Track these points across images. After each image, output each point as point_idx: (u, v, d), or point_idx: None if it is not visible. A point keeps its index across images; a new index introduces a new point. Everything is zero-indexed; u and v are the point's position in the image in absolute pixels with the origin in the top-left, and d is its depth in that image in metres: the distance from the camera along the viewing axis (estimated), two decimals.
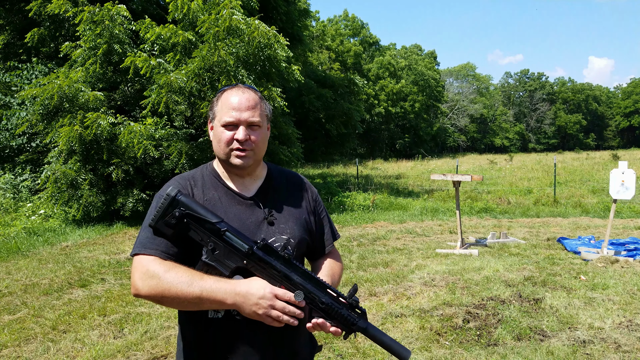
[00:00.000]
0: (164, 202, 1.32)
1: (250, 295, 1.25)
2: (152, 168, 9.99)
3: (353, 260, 6.77)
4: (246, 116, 1.40)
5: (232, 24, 9.60)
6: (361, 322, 1.32)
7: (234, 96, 1.42)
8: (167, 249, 1.33)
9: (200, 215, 1.30)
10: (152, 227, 1.32)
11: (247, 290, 1.25)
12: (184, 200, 1.32)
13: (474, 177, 7.30)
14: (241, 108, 1.40)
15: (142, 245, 1.33)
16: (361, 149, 48.94)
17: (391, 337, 1.34)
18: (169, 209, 1.31)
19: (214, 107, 1.46)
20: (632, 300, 4.76)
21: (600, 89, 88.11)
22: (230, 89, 1.45)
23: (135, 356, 3.65)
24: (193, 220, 1.30)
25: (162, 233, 1.32)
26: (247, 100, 1.41)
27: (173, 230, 1.31)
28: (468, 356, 3.60)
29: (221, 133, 1.41)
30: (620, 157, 28.15)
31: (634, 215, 11.03)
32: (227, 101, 1.42)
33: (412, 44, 65.44)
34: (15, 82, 11.60)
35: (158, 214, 1.31)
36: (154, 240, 1.33)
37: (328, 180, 17.59)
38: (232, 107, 1.40)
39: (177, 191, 1.33)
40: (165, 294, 1.25)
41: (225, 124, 1.40)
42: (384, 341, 1.32)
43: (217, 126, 1.43)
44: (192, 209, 1.31)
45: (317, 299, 1.30)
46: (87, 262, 6.62)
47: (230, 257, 1.31)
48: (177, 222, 1.30)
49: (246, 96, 1.42)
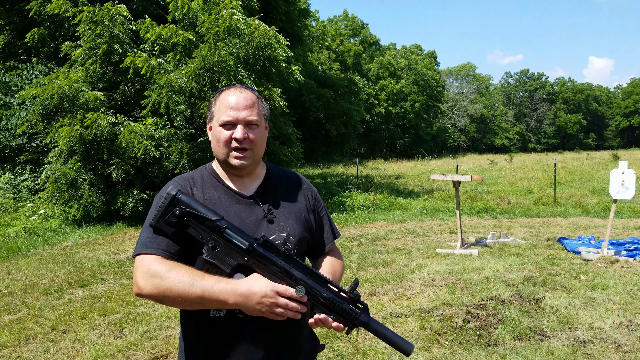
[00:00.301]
0: (164, 201, 1.33)
1: (252, 295, 1.25)
2: (152, 168, 9.99)
3: (353, 260, 6.77)
4: (244, 115, 1.40)
5: (232, 24, 9.61)
6: (363, 316, 1.32)
7: (232, 95, 1.43)
8: (169, 248, 1.33)
9: (200, 213, 1.31)
10: (152, 226, 1.33)
11: (249, 289, 1.26)
12: (184, 198, 1.33)
13: (474, 177, 7.30)
14: (239, 107, 1.41)
15: (143, 245, 1.34)
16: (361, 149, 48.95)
17: (393, 332, 1.34)
18: (169, 208, 1.32)
19: (212, 107, 1.47)
20: (632, 300, 4.76)
21: (601, 89, 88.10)
22: (228, 89, 1.46)
23: (135, 356, 3.65)
24: (193, 219, 1.31)
25: (163, 232, 1.33)
26: (245, 99, 1.42)
27: (174, 229, 1.32)
28: (468, 356, 3.60)
29: (219, 133, 1.42)
30: (620, 157, 28.15)
31: (634, 215, 11.03)
32: (224, 101, 1.43)
33: (412, 44, 65.42)
34: (16, 82, 11.60)
35: (159, 213, 1.32)
36: (155, 240, 1.34)
37: (328, 180, 17.59)
38: (229, 107, 1.41)
39: (177, 190, 1.34)
40: (167, 294, 1.26)
41: (223, 123, 1.41)
42: (387, 335, 1.32)
43: (215, 126, 1.44)
44: (192, 207, 1.32)
45: (319, 294, 1.31)
46: (87, 262, 6.62)
47: (231, 254, 1.31)
48: (178, 221, 1.31)
49: (244, 95, 1.43)
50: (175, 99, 9.49)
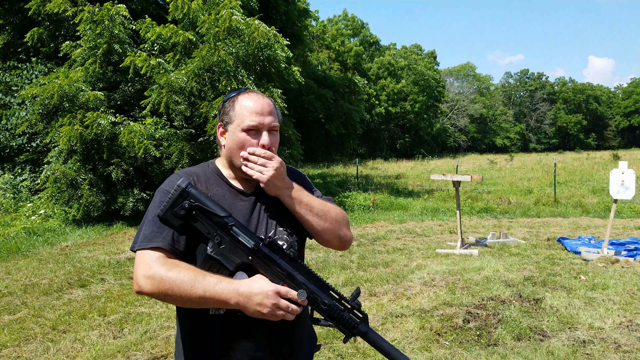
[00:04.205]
0: (174, 193, 1.32)
1: (253, 296, 1.25)
2: (152, 168, 10.00)
3: (353, 260, 6.76)
4: (269, 121, 1.41)
5: (231, 24, 9.60)
6: (362, 326, 1.33)
7: (255, 101, 1.41)
8: (172, 244, 1.32)
9: (209, 208, 1.31)
10: (160, 217, 1.32)
11: (250, 290, 1.25)
12: (194, 192, 1.33)
13: (473, 177, 7.29)
14: (264, 112, 1.40)
15: (147, 239, 1.32)
16: (361, 149, 48.97)
17: (390, 344, 1.34)
18: (178, 200, 1.32)
19: (229, 111, 1.44)
20: (632, 301, 4.76)
21: (601, 88, 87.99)
22: (247, 93, 1.45)
23: (135, 356, 3.65)
24: (201, 213, 1.31)
25: (169, 224, 1.32)
26: (268, 104, 1.43)
27: (181, 222, 1.32)
28: (468, 356, 3.60)
29: (244, 139, 1.40)
30: (620, 157, 28.13)
31: (634, 215, 11.03)
32: (247, 105, 1.41)
33: (412, 44, 65.39)
34: (15, 81, 11.59)
35: (167, 204, 1.32)
36: (159, 235, 1.32)
37: (328, 180, 17.59)
38: (254, 112, 1.39)
39: (188, 183, 1.34)
40: (168, 293, 1.25)
41: (247, 128, 1.39)
42: (383, 347, 1.32)
43: (236, 131, 1.41)
44: (201, 201, 1.32)
45: (320, 299, 1.31)
46: (87, 262, 6.61)
47: (236, 252, 1.31)
48: (186, 214, 1.31)
49: (267, 101, 1.43)
50: (175, 98, 9.48)
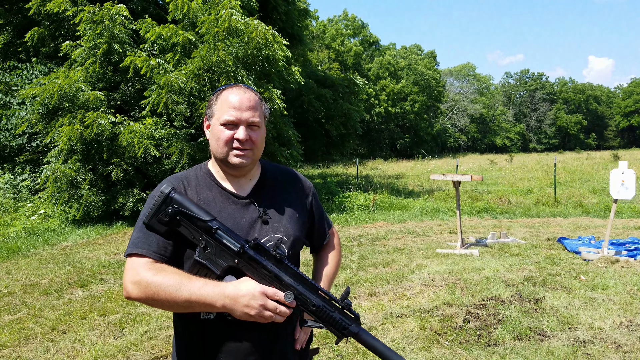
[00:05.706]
0: (157, 200, 1.31)
1: (240, 298, 1.24)
2: (152, 168, 10.00)
3: (353, 260, 6.76)
4: (247, 116, 1.39)
5: (231, 24, 9.60)
6: (353, 326, 1.30)
7: (235, 95, 1.40)
8: (159, 249, 1.32)
9: (192, 212, 1.30)
10: (145, 224, 1.32)
11: (236, 292, 1.24)
12: (177, 197, 1.32)
13: (473, 177, 7.29)
14: (242, 107, 1.38)
15: (134, 245, 1.33)
16: (361, 149, 48.97)
17: (384, 344, 1.30)
18: (162, 207, 1.31)
19: (212, 105, 1.44)
20: (632, 301, 4.76)
21: (601, 88, 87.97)
22: (230, 87, 1.44)
23: (135, 356, 3.65)
24: (185, 218, 1.30)
25: (155, 230, 1.32)
26: (248, 100, 1.40)
27: (166, 228, 1.31)
28: (468, 356, 3.60)
29: (220, 132, 1.39)
30: (620, 157, 28.13)
31: (634, 215, 11.03)
32: (227, 100, 1.40)
33: (412, 44, 65.41)
34: (16, 81, 11.59)
35: (152, 211, 1.31)
36: (146, 240, 1.32)
37: (328, 180, 17.58)
38: (232, 106, 1.38)
39: (171, 189, 1.33)
40: (154, 298, 1.25)
41: (225, 122, 1.38)
42: (376, 347, 1.29)
43: (215, 125, 1.41)
44: (184, 206, 1.30)
45: (309, 301, 1.29)
46: (87, 262, 6.61)
47: (222, 255, 1.30)
48: (170, 220, 1.30)
49: (247, 96, 1.40)
50: (175, 99, 9.48)
